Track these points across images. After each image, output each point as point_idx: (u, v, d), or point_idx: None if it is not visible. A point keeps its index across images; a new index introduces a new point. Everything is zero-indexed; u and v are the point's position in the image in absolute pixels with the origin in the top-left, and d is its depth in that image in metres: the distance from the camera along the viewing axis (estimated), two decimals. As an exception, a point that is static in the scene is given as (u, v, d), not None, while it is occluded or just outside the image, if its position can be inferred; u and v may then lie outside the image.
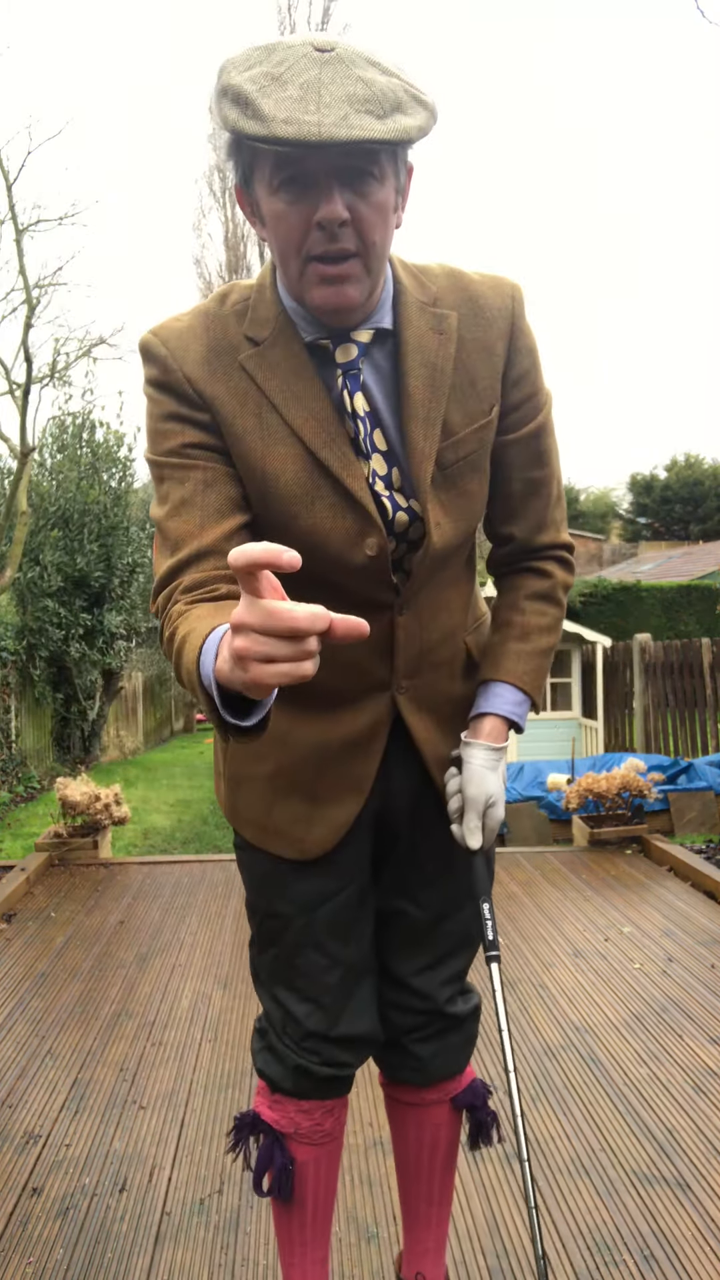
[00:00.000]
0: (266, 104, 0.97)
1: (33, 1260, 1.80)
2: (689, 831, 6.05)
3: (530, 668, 1.30)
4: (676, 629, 17.04)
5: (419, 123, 1.00)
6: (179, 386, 1.13)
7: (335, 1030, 1.32)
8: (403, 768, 1.32)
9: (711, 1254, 1.77)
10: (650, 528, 43.43)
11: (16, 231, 9.73)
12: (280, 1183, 1.37)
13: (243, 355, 1.14)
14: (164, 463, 1.15)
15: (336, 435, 1.14)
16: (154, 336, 1.16)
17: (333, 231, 1.02)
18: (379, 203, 1.04)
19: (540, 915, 3.78)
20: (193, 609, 1.02)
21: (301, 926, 1.31)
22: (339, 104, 0.96)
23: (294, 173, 1.02)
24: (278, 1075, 1.36)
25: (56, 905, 4.04)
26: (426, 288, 1.18)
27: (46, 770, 10.18)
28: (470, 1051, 1.47)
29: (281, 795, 1.29)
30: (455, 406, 1.17)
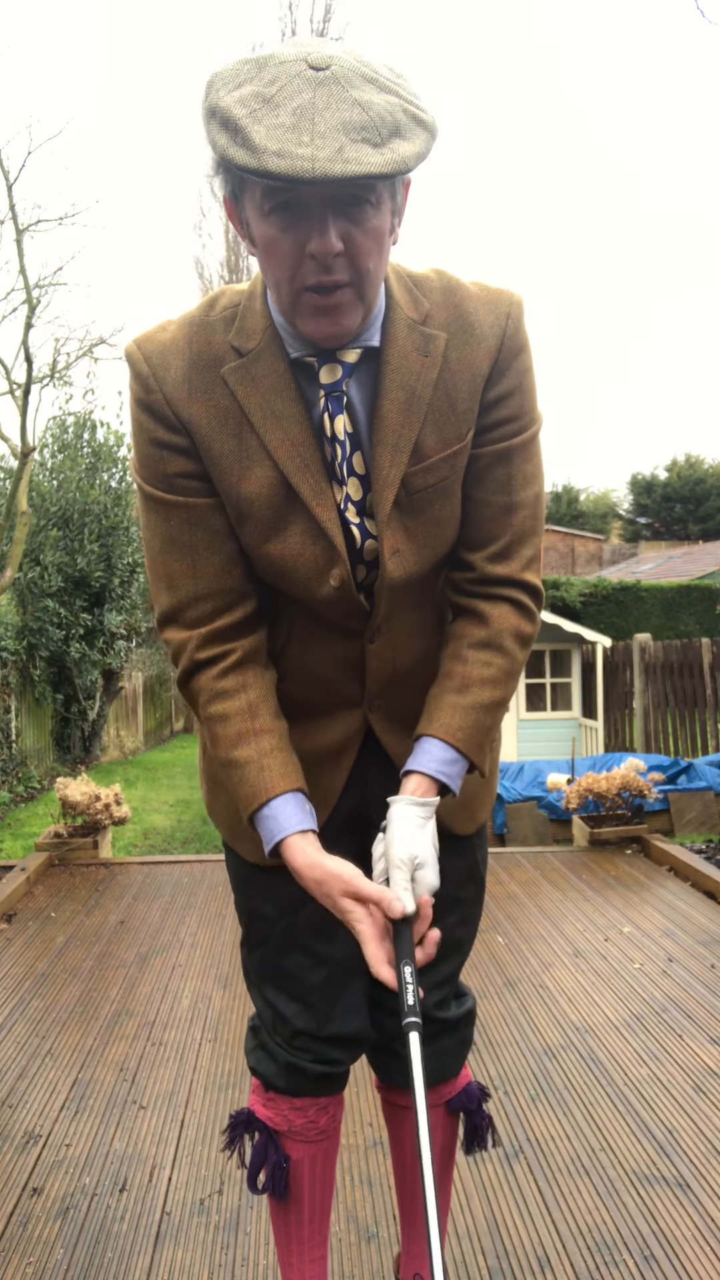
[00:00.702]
0: (257, 132, 0.92)
1: (33, 1260, 1.80)
2: (689, 831, 6.05)
3: (466, 723, 1.18)
4: (676, 629, 17.04)
5: (417, 148, 0.95)
6: (159, 409, 1.12)
7: (324, 1030, 1.32)
8: (379, 773, 1.30)
9: (711, 1254, 1.77)
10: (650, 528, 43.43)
11: (16, 231, 9.73)
12: (275, 1180, 1.37)
13: (226, 367, 1.11)
14: (150, 493, 1.15)
15: (310, 461, 1.12)
16: (138, 350, 1.14)
17: (325, 263, 0.99)
18: (374, 229, 1.01)
19: (540, 915, 3.78)
20: (228, 712, 1.15)
21: (285, 927, 1.30)
22: (334, 134, 0.91)
23: (285, 200, 0.97)
24: (270, 1073, 1.35)
25: (56, 905, 4.04)
26: (419, 304, 1.13)
27: (46, 770, 10.19)
28: (464, 1055, 1.46)
29: None
30: (430, 430, 1.13)
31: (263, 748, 1.15)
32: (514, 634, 1.21)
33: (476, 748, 1.20)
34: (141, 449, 1.15)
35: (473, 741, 1.19)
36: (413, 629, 1.26)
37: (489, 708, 1.20)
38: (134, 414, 1.15)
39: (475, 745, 1.19)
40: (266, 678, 1.20)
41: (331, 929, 1.29)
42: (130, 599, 12.02)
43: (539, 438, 1.21)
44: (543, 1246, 1.81)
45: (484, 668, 1.20)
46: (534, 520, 1.22)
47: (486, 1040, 2.66)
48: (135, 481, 1.18)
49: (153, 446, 1.14)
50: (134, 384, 1.14)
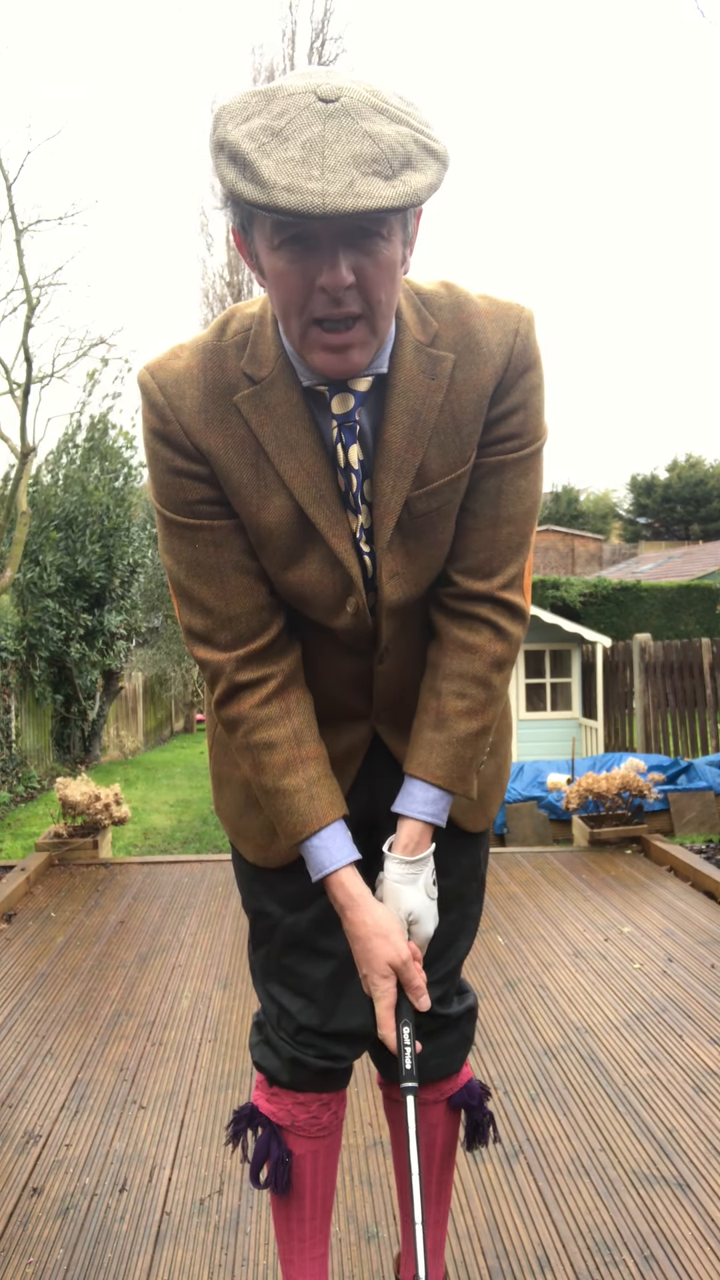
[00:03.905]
0: (266, 166, 0.90)
1: (33, 1260, 1.80)
2: (689, 831, 6.05)
3: (444, 759, 1.19)
4: (676, 629, 17.05)
5: (429, 179, 0.94)
6: (177, 439, 1.12)
7: (328, 1025, 1.32)
8: (385, 775, 1.31)
9: (711, 1254, 1.77)
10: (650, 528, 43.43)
11: (16, 231, 9.74)
12: (277, 1175, 1.38)
13: (239, 395, 1.10)
14: (171, 518, 1.15)
15: (325, 492, 1.12)
16: (151, 379, 1.12)
17: (336, 296, 0.98)
18: (386, 260, 0.99)
19: (540, 915, 3.78)
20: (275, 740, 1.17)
21: (289, 925, 1.31)
22: (344, 167, 0.89)
23: (296, 234, 0.97)
24: (274, 1068, 1.36)
25: (56, 905, 4.04)
26: (428, 324, 1.12)
27: (46, 770, 10.19)
28: (466, 1052, 1.46)
29: (253, 802, 1.31)
30: (435, 453, 1.13)
31: (310, 776, 1.17)
32: (489, 662, 1.19)
33: (459, 780, 1.21)
34: (161, 477, 1.14)
35: (454, 775, 1.20)
36: (419, 648, 1.26)
37: (467, 740, 1.20)
38: (150, 443, 1.14)
39: (457, 778, 1.21)
40: (307, 701, 1.22)
41: (334, 926, 1.30)
42: (130, 599, 12.02)
43: (540, 455, 1.19)
44: (543, 1246, 1.81)
45: (458, 700, 1.19)
46: (520, 538, 1.20)
47: (486, 1040, 2.66)
48: (155, 508, 1.17)
49: (172, 475, 1.13)
50: (149, 414, 1.13)
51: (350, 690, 1.27)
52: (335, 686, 1.27)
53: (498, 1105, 2.32)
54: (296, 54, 12.06)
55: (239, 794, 1.33)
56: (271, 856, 1.31)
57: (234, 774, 1.33)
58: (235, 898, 4.10)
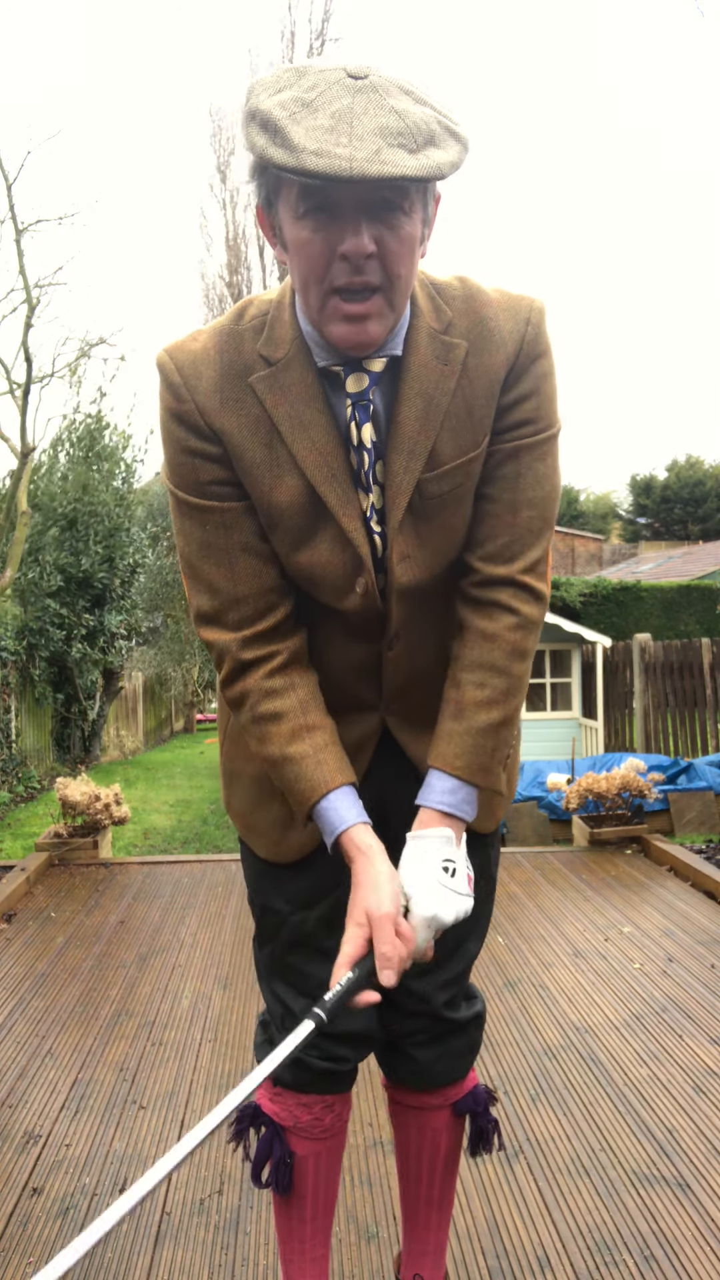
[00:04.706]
0: (296, 132, 0.94)
1: (33, 1260, 1.80)
2: (689, 831, 6.05)
3: (463, 749, 1.18)
4: (676, 629, 17.04)
5: (451, 157, 0.97)
6: (191, 419, 1.13)
7: (333, 1025, 1.31)
8: (396, 772, 1.30)
9: (711, 1254, 1.77)
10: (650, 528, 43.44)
11: (16, 231, 9.74)
12: (278, 1175, 1.37)
13: (254, 376, 1.12)
14: (183, 499, 1.16)
15: (338, 470, 1.14)
16: (169, 359, 1.14)
17: (357, 264, 1.00)
18: (406, 236, 1.02)
19: (540, 915, 3.77)
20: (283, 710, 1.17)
21: (296, 923, 1.31)
22: (371, 136, 0.93)
23: (320, 202, 0.99)
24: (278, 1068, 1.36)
25: (56, 905, 4.04)
26: (442, 312, 1.14)
27: (46, 770, 10.19)
28: (473, 1058, 1.45)
29: (265, 796, 1.30)
30: (447, 437, 1.14)
31: (317, 743, 1.17)
32: (510, 650, 1.18)
33: (480, 771, 1.18)
34: (174, 457, 1.16)
35: (474, 766, 1.18)
36: (430, 636, 1.26)
37: (488, 730, 1.18)
38: (165, 423, 1.16)
39: (478, 769, 1.18)
40: (312, 677, 1.22)
41: (341, 926, 1.29)
42: (130, 599, 12.03)
43: (556, 442, 1.20)
44: (543, 1246, 1.81)
45: (478, 689, 1.18)
46: (540, 522, 1.19)
47: (487, 1040, 2.66)
48: (168, 489, 1.19)
49: (186, 455, 1.15)
50: (165, 394, 1.14)
51: (359, 679, 1.27)
52: (344, 674, 1.26)
53: (498, 1105, 2.32)
54: (295, 55, 12.05)
55: (251, 789, 1.33)
56: (284, 851, 1.30)
57: (247, 769, 1.33)
58: (235, 898, 4.10)
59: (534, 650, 1.22)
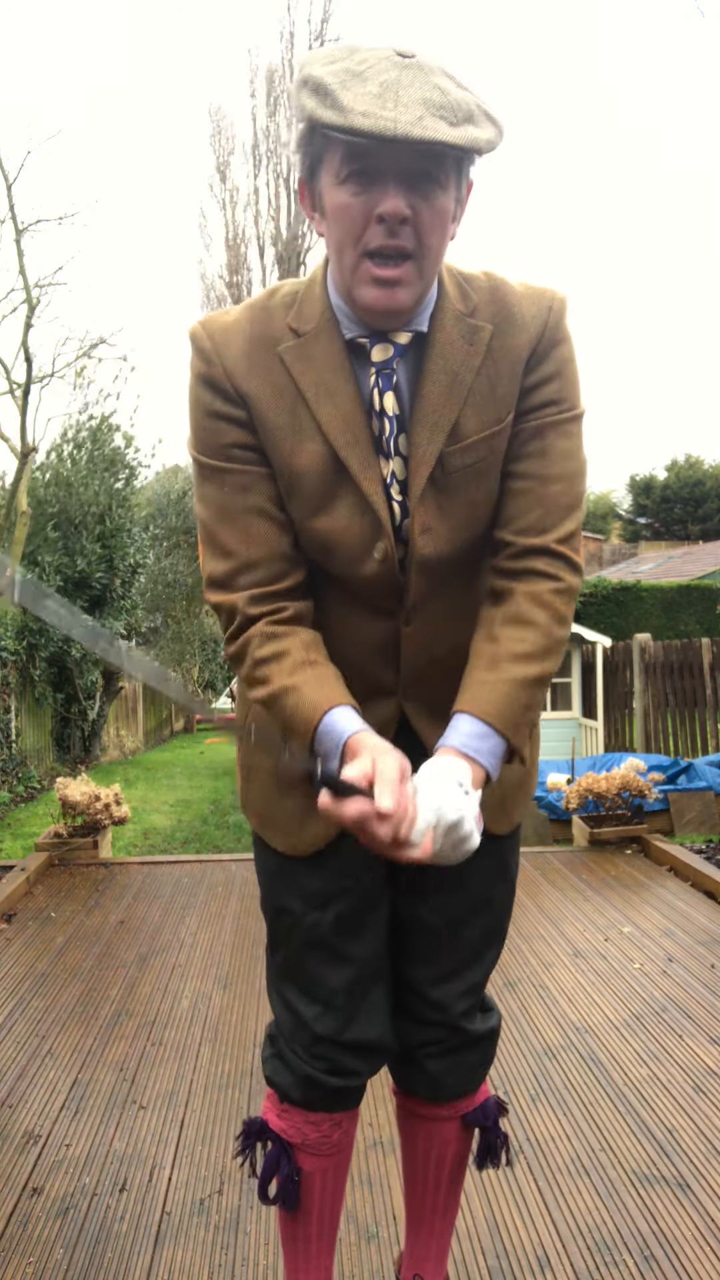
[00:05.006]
0: (346, 96, 0.99)
1: (33, 1260, 1.80)
2: (689, 831, 6.05)
3: (495, 697, 1.11)
4: (676, 629, 17.04)
5: (489, 136, 1.03)
6: (218, 380, 1.16)
7: (345, 1035, 1.28)
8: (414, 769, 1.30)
9: (711, 1254, 1.77)
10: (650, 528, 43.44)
11: (16, 231, 9.74)
12: (286, 1192, 1.35)
13: (282, 346, 1.16)
14: (205, 462, 1.19)
15: (360, 435, 1.16)
16: (201, 329, 1.19)
17: (393, 227, 1.05)
18: (440, 207, 1.07)
19: (540, 915, 3.77)
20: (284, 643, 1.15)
21: (310, 924, 1.29)
22: (415, 105, 0.98)
23: (363, 166, 1.04)
24: (286, 1084, 1.33)
25: (56, 905, 4.04)
26: (468, 297, 1.18)
27: (46, 770, 10.18)
28: (485, 1072, 1.43)
29: (283, 790, 1.30)
30: (470, 412, 1.16)
31: (320, 675, 1.14)
32: (547, 609, 1.16)
33: (511, 725, 1.11)
34: (199, 421, 1.19)
35: (506, 717, 1.11)
36: (450, 615, 1.24)
37: (523, 683, 1.12)
38: (193, 389, 1.19)
39: (509, 722, 1.11)
40: (317, 634, 1.21)
41: (356, 928, 1.28)
42: (130, 599, 12.03)
43: (580, 424, 1.21)
44: (543, 1246, 1.81)
45: (516, 643, 1.14)
46: (570, 496, 1.19)
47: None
48: (191, 455, 1.22)
49: (210, 418, 1.18)
50: (196, 360, 1.18)
51: (375, 658, 1.25)
52: (360, 652, 1.24)
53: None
54: (295, 54, 12.06)
55: (269, 781, 1.32)
56: (301, 843, 1.28)
57: (266, 761, 1.32)
58: (235, 898, 4.10)
59: (571, 621, 1.20)
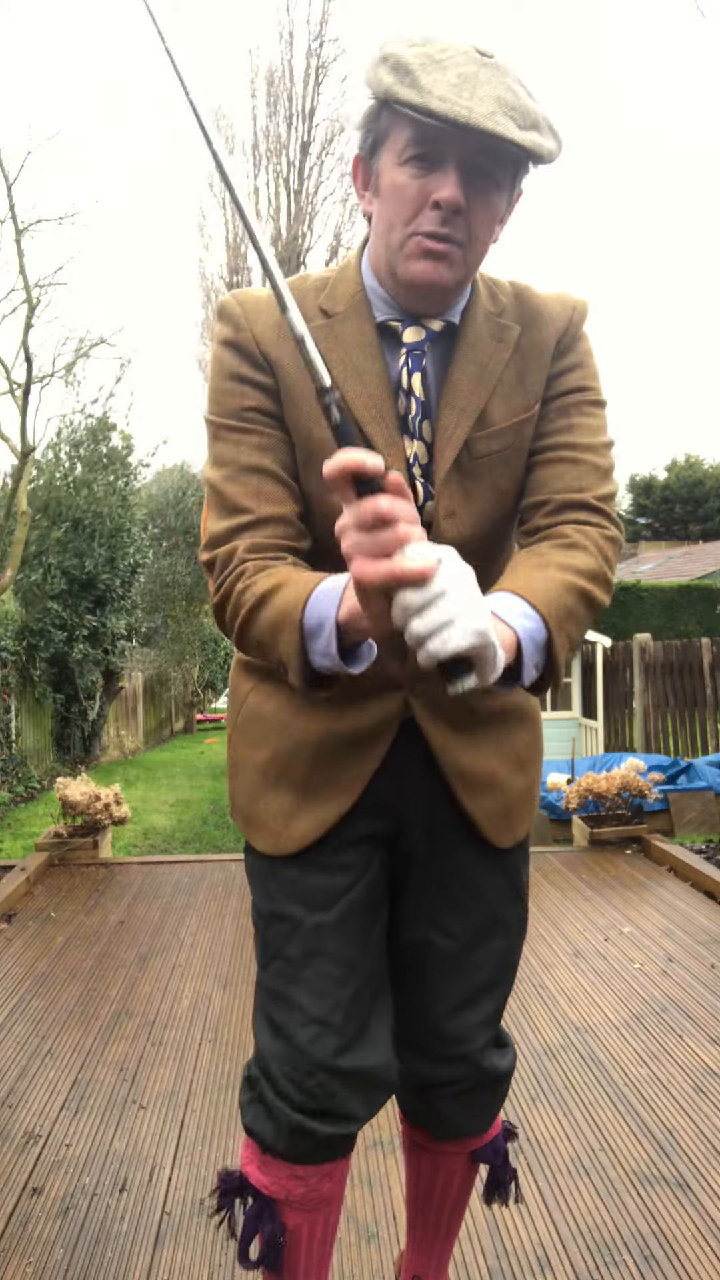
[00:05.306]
0: (425, 79, 1.01)
1: (33, 1260, 1.80)
2: (689, 831, 6.05)
3: (546, 587, 1.03)
4: (676, 629, 17.04)
5: (550, 147, 1.05)
6: (246, 346, 1.16)
7: (345, 1059, 1.16)
8: (417, 782, 1.24)
9: (711, 1254, 1.77)
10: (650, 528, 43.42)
11: (16, 231, 9.73)
12: (269, 1253, 1.22)
13: (313, 325, 1.16)
14: (221, 424, 1.17)
15: (386, 413, 1.16)
16: (233, 299, 1.19)
17: (447, 215, 1.06)
18: (492, 205, 1.09)
19: (540, 915, 3.77)
20: (275, 567, 1.08)
21: (311, 928, 1.19)
22: (490, 100, 1.00)
23: (427, 150, 1.05)
24: (269, 1134, 1.18)
25: (56, 905, 4.04)
26: (497, 299, 1.21)
27: (46, 770, 10.18)
28: (498, 1110, 1.37)
29: (270, 785, 1.25)
30: (499, 401, 1.18)
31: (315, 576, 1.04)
32: (595, 543, 1.12)
33: (556, 619, 1.01)
34: (221, 385, 1.17)
35: (552, 607, 1.01)
36: None
37: (570, 588, 1.05)
38: (217, 354, 1.18)
39: (554, 614, 1.01)
40: None
41: (359, 933, 1.20)
42: (131, 599, 12.03)
43: (604, 410, 1.23)
44: (543, 1246, 1.81)
45: (565, 556, 1.09)
46: (604, 463, 1.19)
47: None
48: (208, 419, 1.19)
49: (234, 381, 1.16)
50: (224, 327, 1.18)
51: (384, 647, 1.17)
52: None
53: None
54: (295, 55, 12.06)
55: (255, 778, 1.27)
56: (285, 842, 1.22)
57: (253, 757, 1.27)
58: (235, 898, 4.09)
59: (616, 560, 1.15)
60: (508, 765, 1.27)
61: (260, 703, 1.27)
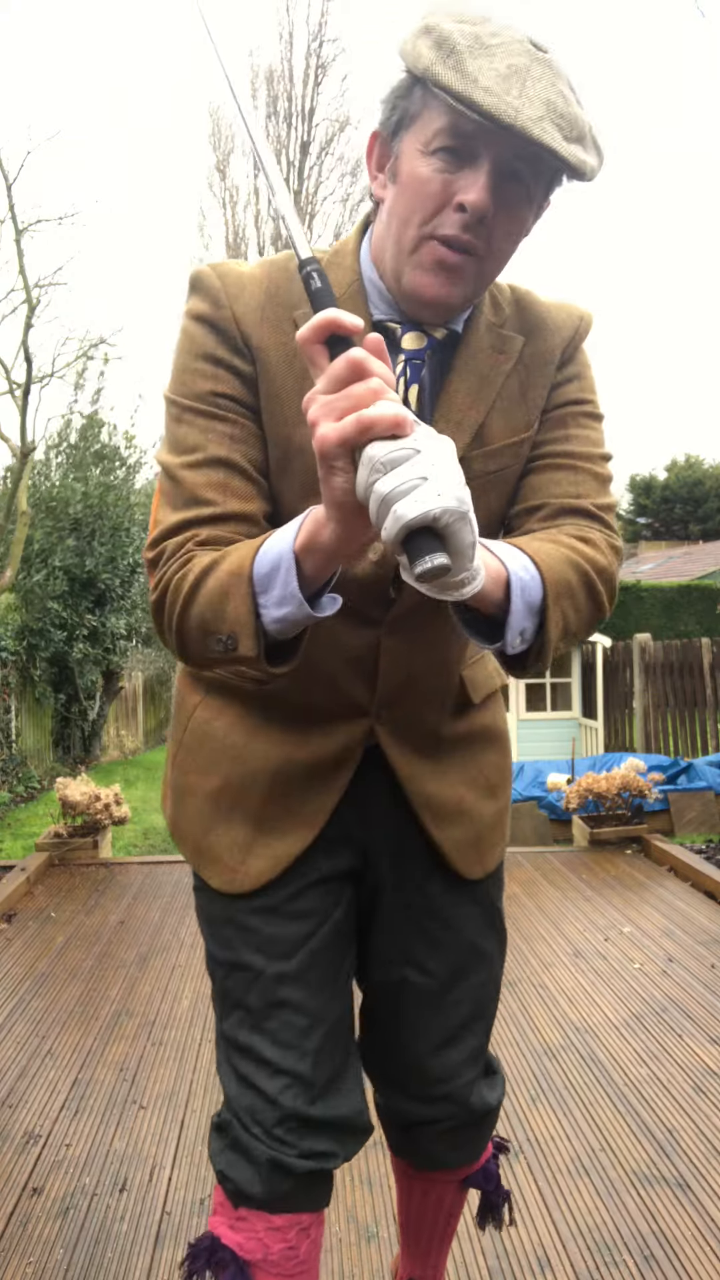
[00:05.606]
0: (472, 63, 0.90)
1: (33, 1260, 1.80)
2: (689, 831, 6.05)
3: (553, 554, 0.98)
4: (676, 629, 17.04)
5: (593, 164, 0.95)
6: (225, 325, 1.04)
7: (315, 1108, 1.10)
8: (382, 812, 1.18)
9: (711, 1254, 1.77)
10: (650, 528, 43.43)
11: (16, 231, 9.73)
12: None
13: (300, 311, 1.03)
14: (187, 405, 1.04)
15: None
16: (211, 270, 1.07)
17: (471, 220, 0.95)
18: (519, 218, 0.99)
19: (540, 915, 3.78)
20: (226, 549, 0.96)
21: (272, 978, 1.11)
22: (539, 103, 0.90)
23: (460, 145, 0.94)
24: (245, 1179, 1.10)
25: (56, 905, 4.04)
26: (500, 308, 1.12)
27: (46, 770, 10.18)
28: (486, 1142, 1.33)
29: (223, 816, 1.16)
30: (498, 417, 1.09)
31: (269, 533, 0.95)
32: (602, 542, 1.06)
33: (555, 588, 0.95)
34: (190, 364, 1.04)
35: (554, 575, 0.95)
36: (436, 630, 1.14)
37: (578, 568, 0.99)
38: (189, 330, 1.05)
39: (555, 582, 0.95)
40: None
41: (322, 980, 1.13)
42: (130, 599, 12.03)
43: (601, 422, 1.16)
44: (543, 1246, 1.81)
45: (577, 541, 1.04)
46: (601, 476, 1.12)
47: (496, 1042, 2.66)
48: (169, 399, 1.06)
49: (204, 361, 1.04)
50: (199, 301, 1.05)
51: (350, 671, 1.13)
52: (333, 663, 1.11)
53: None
54: (294, 55, 12.08)
55: (206, 807, 1.17)
56: (241, 879, 1.14)
57: (202, 784, 1.17)
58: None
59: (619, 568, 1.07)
60: (476, 791, 1.23)
61: (209, 719, 1.18)
